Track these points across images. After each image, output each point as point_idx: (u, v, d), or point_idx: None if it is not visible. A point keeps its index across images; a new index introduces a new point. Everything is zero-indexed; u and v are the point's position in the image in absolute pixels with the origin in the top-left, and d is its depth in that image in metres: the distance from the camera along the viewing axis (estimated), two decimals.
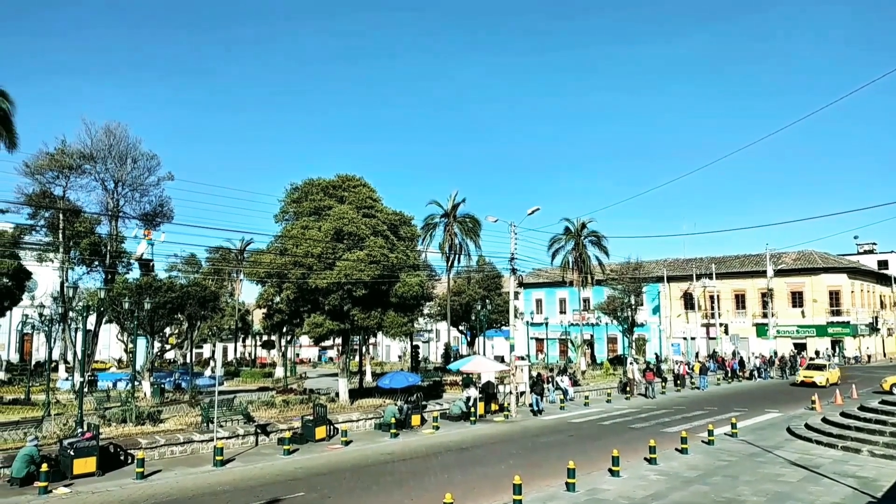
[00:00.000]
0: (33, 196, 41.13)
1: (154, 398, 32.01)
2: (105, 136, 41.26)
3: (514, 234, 31.05)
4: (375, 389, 33.30)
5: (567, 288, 65.16)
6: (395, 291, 28.61)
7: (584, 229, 56.21)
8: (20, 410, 27.33)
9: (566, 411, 31.02)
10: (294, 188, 30.26)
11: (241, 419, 23.22)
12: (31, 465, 16.04)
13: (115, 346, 63.34)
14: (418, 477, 16.89)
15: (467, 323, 57.55)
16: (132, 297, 32.65)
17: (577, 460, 15.28)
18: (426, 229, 51.97)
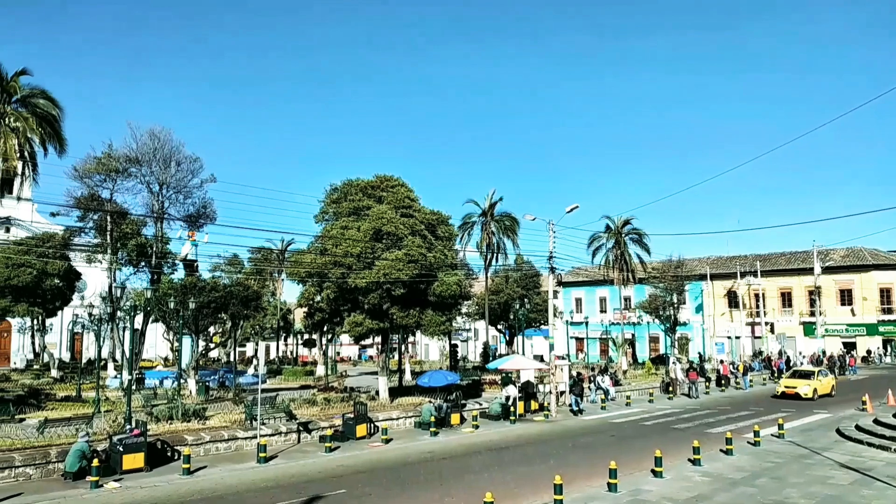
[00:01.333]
0: (82, 199, 42.40)
1: (199, 396, 32.71)
2: (150, 140, 42.29)
3: (553, 233, 30.86)
4: (415, 388, 33.44)
5: (608, 286, 64.51)
6: (433, 290, 28.69)
7: (624, 227, 55.60)
8: (72, 407, 28.19)
9: (607, 411, 30.70)
10: (333, 189, 30.58)
11: (283, 417, 23.55)
12: (82, 460, 16.54)
13: (162, 344, 64.91)
14: (458, 476, 16.91)
15: (506, 322, 57.38)
16: (177, 297, 33.40)
17: (619, 461, 15.11)
18: (463, 228, 52.04)
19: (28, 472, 16.70)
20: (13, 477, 16.40)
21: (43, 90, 31.60)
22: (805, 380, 34.09)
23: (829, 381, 35.14)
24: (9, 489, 15.50)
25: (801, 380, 34.20)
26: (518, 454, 20.00)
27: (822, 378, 34.82)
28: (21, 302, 42.75)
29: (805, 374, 35.49)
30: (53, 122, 31.71)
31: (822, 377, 34.98)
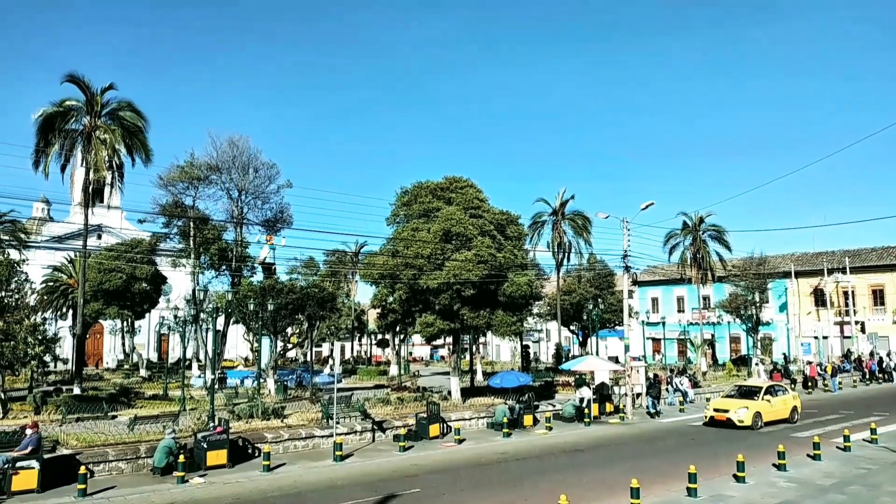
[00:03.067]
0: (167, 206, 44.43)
1: (278, 395, 33.66)
2: (229, 148, 43.96)
3: (627, 231, 30.22)
4: (486, 388, 33.40)
5: (685, 285, 62.66)
6: (503, 291, 28.58)
7: (702, 223, 53.93)
8: (159, 405, 29.50)
9: (685, 414, 29.84)
10: (404, 192, 30.90)
11: (358, 416, 23.96)
12: (169, 456, 17.30)
13: (242, 345, 67.13)
14: (532, 477, 16.78)
15: (579, 322, 56.58)
16: (256, 299, 34.47)
17: (699, 465, 14.64)
18: (534, 228, 51.65)
19: (120, 467, 17.61)
20: (107, 471, 17.32)
21: (129, 103, 33.31)
22: (745, 400, 25.27)
23: (784, 400, 26.00)
24: (103, 482, 16.37)
25: (741, 400, 25.37)
26: (593, 456, 19.68)
27: (775, 397, 25.82)
28: (112, 305, 45.22)
29: (748, 392, 26.12)
30: (139, 133, 33.39)
31: (775, 395, 25.95)
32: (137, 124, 33.33)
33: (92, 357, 63.83)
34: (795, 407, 26.14)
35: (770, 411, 25.00)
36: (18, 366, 25.68)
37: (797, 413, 26.02)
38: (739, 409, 24.34)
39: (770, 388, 26.42)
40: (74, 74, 31.22)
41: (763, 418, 24.42)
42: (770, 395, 25.53)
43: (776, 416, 25.18)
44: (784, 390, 27.21)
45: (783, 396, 26.16)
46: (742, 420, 23.96)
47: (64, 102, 31.58)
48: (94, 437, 19.10)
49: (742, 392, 26.49)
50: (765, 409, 24.80)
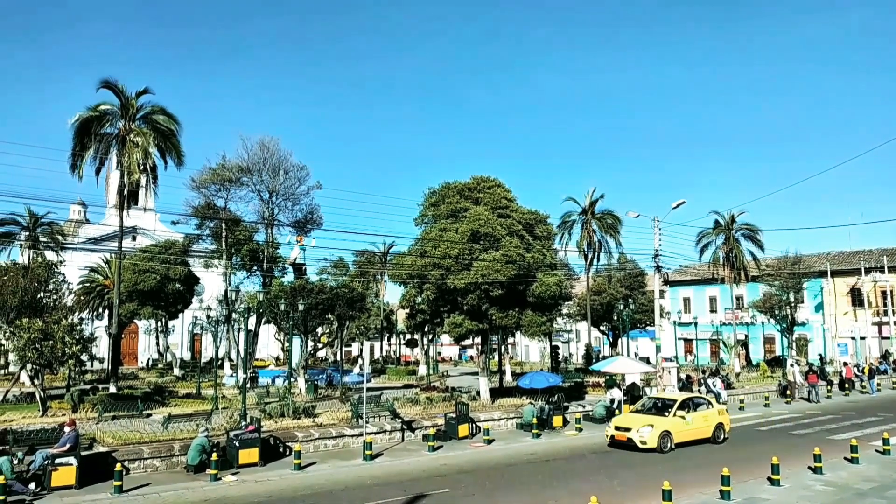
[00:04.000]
0: (199, 208, 45.12)
1: (308, 394, 33.97)
2: (260, 150, 44.48)
3: (658, 230, 29.92)
4: (515, 389, 33.29)
5: (718, 285, 61.74)
6: (532, 291, 28.47)
7: (734, 222, 53.10)
8: (192, 404, 29.95)
9: None
10: (431, 192, 30.95)
11: (388, 415, 24.06)
12: (203, 454, 17.56)
13: (273, 344, 67.95)
14: (562, 478, 16.68)
15: (609, 323, 56.09)
16: (287, 299, 34.83)
17: (732, 467, 14.40)
18: (563, 227, 51.35)
19: (155, 464, 17.92)
20: (142, 468, 17.64)
21: (162, 107, 33.92)
22: (653, 416, 21.11)
23: (706, 416, 21.71)
24: (139, 479, 16.67)
25: (647, 416, 21.26)
26: (624, 457, 19.47)
27: (692, 412, 21.41)
28: (146, 305, 46.07)
29: (662, 406, 21.88)
30: (172, 136, 33.98)
31: (693, 410, 21.57)
32: (170, 127, 33.91)
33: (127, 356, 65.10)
34: (721, 424, 21.78)
35: (684, 430, 20.72)
36: (57, 365, 26.26)
37: (724, 431, 21.77)
38: (642, 428, 20.12)
39: (686, 401, 21.91)
40: (109, 80, 31.90)
41: (674, 439, 20.29)
42: (685, 410, 21.17)
43: (693, 435, 20.98)
44: (707, 404, 22.50)
45: (704, 411, 21.82)
46: (645, 441, 19.83)
47: (98, 107, 32.28)
48: (130, 435, 19.46)
49: (655, 406, 22.29)
50: (677, 427, 20.57)
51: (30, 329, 24.25)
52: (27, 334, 24.11)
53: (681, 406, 21.28)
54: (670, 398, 22.41)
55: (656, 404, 22.24)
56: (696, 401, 22.43)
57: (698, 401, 22.60)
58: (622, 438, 20.46)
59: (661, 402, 22.33)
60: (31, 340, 24.07)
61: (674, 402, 21.54)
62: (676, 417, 20.76)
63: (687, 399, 22.11)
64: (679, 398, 22.02)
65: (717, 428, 21.63)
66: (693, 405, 21.82)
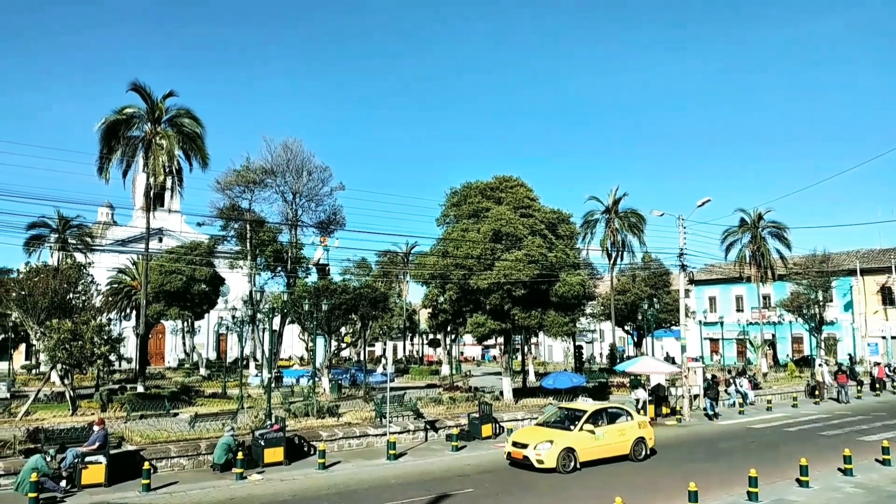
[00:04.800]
0: (224, 209, 45.61)
1: (332, 393, 34.17)
2: (283, 152, 44.86)
3: (683, 228, 29.57)
4: (539, 389, 33.18)
5: (744, 284, 60.94)
6: (555, 291, 28.34)
7: (761, 220, 52.39)
8: (218, 403, 30.28)
9: (745, 416, 29.05)
10: (453, 192, 30.96)
11: (411, 415, 24.11)
12: (229, 453, 17.75)
13: (297, 344, 68.36)
14: (586, 479, 16.59)
15: (633, 322, 55.68)
16: (311, 300, 35.08)
17: (760, 468, 14.23)
18: (586, 226, 51.08)
19: (182, 463, 18.15)
20: (169, 467, 17.88)
21: (187, 110, 34.27)
22: (557, 430, 18.43)
23: (621, 430, 18.88)
24: (166, 478, 16.91)
25: (550, 430, 18.54)
26: (649, 459, 19.32)
27: (604, 425, 18.65)
28: (173, 306, 46.62)
29: (572, 418, 19.05)
30: (197, 138, 34.34)
31: (606, 423, 18.81)
32: (195, 130, 34.27)
33: (154, 356, 65.93)
34: (642, 439, 19.07)
35: (592, 447, 17.94)
36: (86, 365, 26.72)
37: (645, 447, 19.05)
38: (540, 444, 17.32)
39: (598, 412, 19.03)
40: (137, 83, 32.34)
41: (579, 457, 17.45)
42: (593, 424, 18.34)
43: (605, 452, 18.25)
44: (626, 415, 19.59)
45: (620, 425, 19.00)
46: (542, 460, 17.02)
47: (124, 110, 32.70)
48: (157, 434, 19.74)
49: (565, 418, 19.50)
50: (583, 442, 17.79)
51: (60, 330, 24.70)
52: (57, 335, 24.56)
53: (591, 418, 18.51)
54: (580, 409, 19.39)
55: (568, 416, 19.45)
56: (611, 412, 19.64)
57: (615, 412, 19.77)
58: (518, 456, 17.66)
59: (571, 413, 19.47)
60: (61, 341, 24.51)
61: (583, 414, 18.73)
62: (583, 432, 17.99)
63: (599, 410, 19.27)
64: (589, 409, 19.10)
65: (636, 443, 18.84)
66: (607, 417, 19.11)
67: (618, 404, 21.56)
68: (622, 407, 20.56)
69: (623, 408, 20.42)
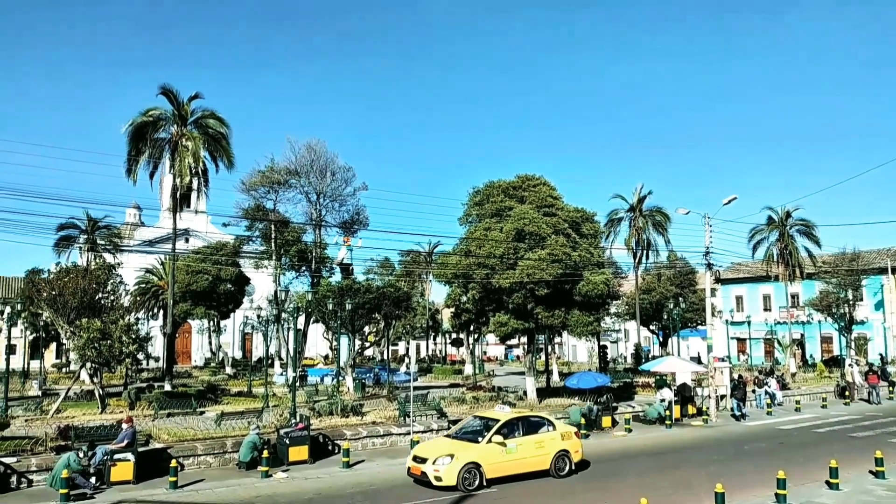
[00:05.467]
0: (249, 210, 46.08)
1: (356, 392, 34.36)
2: (307, 153, 45.26)
3: (709, 227, 29.24)
4: (563, 389, 33.02)
5: (772, 283, 60.12)
6: (578, 290, 28.17)
7: (789, 218, 51.62)
8: (244, 402, 30.61)
9: (773, 417, 28.63)
10: (476, 191, 30.93)
11: (434, 414, 24.13)
12: (254, 451, 17.92)
13: (322, 343, 68.87)
14: (610, 479, 16.48)
15: (659, 322, 55.17)
16: (335, 299, 35.29)
17: (788, 470, 14.02)
18: (610, 225, 50.76)
19: (208, 461, 18.37)
20: (196, 464, 18.10)
21: (213, 112, 34.66)
22: (463, 443, 16.45)
23: (540, 442, 16.77)
24: (193, 475, 17.11)
25: (454, 443, 16.60)
26: (675, 459, 19.14)
27: (521, 437, 16.63)
28: (199, 305, 47.19)
29: (484, 429, 16.93)
30: (222, 140, 34.73)
31: (523, 434, 16.76)
32: (221, 131, 34.65)
33: (181, 355, 66.82)
34: (565, 452, 16.87)
35: (502, 461, 15.94)
36: (114, 363, 27.17)
37: (569, 461, 16.85)
38: (440, 459, 15.43)
39: (513, 422, 16.90)
40: (167, 86, 32.79)
41: (486, 473, 15.47)
42: (505, 435, 16.34)
43: (519, 467, 16.23)
44: (547, 425, 17.44)
45: (539, 436, 16.90)
46: (440, 476, 15.13)
47: (151, 112, 33.14)
48: (184, 432, 19.99)
49: (481, 428, 17.20)
50: (491, 457, 15.76)
51: (89, 329, 25.15)
52: (87, 334, 25.01)
53: (503, 429, 16.45)
54: (494, 418, 17.26)
55: (485, 426, 17.10)
56: (530, 421, 17.49)
57: (536, 421, 17.64)
58: (416, 472, 15.82)
59: (486, 423, 17.23)
60: (91, 340, 24.95)
61: (495, 423, 16.73)
62: (492, 444, 15.96)
63: (515, 420, 17.11)
64: (503, 418, 16.94)
65: (558, 457, 16.70)
66: (524, 428, 16.96)
67: (541, 413, 19.74)
68: (545, 416, 18.52)
69: (545, 417, 18.27)
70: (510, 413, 17.74)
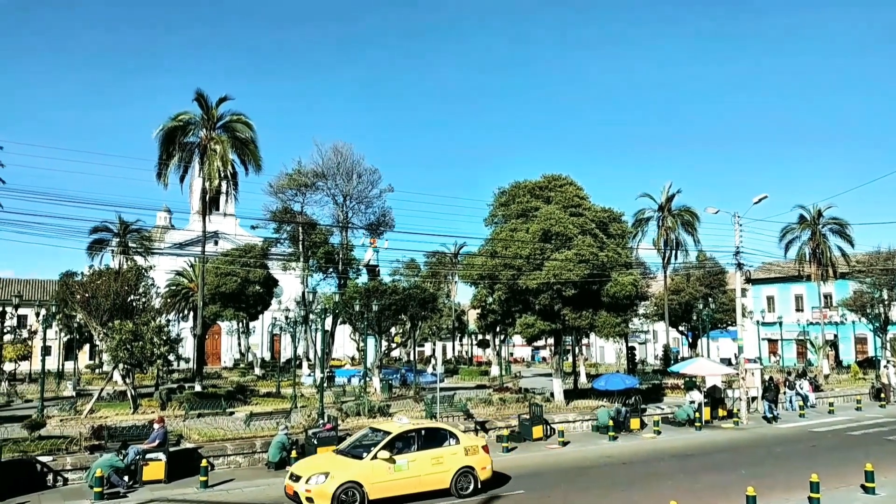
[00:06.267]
0: (277, 213, 46.58)
1: (383, 393, 34.49)
2: (334, 155, 45.64)
3: (739, 226, 28.85)
4: (590, 391, 32.79)
5: (804, 283, 59.03)
6: (606, 291, 27.95)
7: (821, 217, 50.67)
8: (272, 402, 30.90)
9: (806, 419, 28.13)
10: (501, 192, 30.85)
11: (461, 415, 24.12)
12: (283, 451, 18.11)
13: (349, 344, 69.33)
14: (640, 482, 16.31)
15: (688, 323, 54.52)
16: (362, 300, 35.49)
17: (822, 473, 13.73)
18: (637, 225, 50.26)
19: (238, 461, 18.59)
20: (226, 464, 18.34)
21: (241, 115, 35.06)
22: (346, 460, 14.56)
23: (438, 457, 14.82)
24: (223, 475, 17.34)
25: (339, 459, 14.72)
26: (705, 462, 18.89)
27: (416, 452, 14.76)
28: (228, 307, 47.81)
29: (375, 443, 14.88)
30: (250, 143, 35.12)
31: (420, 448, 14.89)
32: (249, 135, 35.05)
33: (211, 356, 67.71)
34: (469, 469, 14.93)
35: (389, 480, 14.10)
36: (146, 364, 27.60)
37: (474, 479, 14.92)
38: (314, 477, 13.69)
39: (404, 436, 14.99)
40: (201, 92, 33.32)
41: (370, 493, 13.70)
42: (397, 451, 14.49)
43: (410, 487, 14.38)
44: (449, 438, 15.42)
45: (438, 451, 14.94)
46: (311, 497, 13.41)
47: (180, 116, 33.63)
48: (214, 433, 20.26)
49: (369, 442, 15.31)
50: (375, 475, 13.92)
51: (121, 330, 25.60)
52: (119, 335, 25.46)
53: (397, 442, 14.72)
54: (386, 429, 15.37)
55: (375, 439, 15.18)
56: (430, 433, 15.49)
57: (435, 434, 15.58)
58: (290, 491, 14.07)
59: (378, 435, 15.37)
60: (123, 341, 25.40)
61: (387, 436, 14.84)
62: (377, 461, 14.10)
63: (408, 432, 15.08)
64: (395, 430, 14.98)
65: (460, 475, 14.80)
66: (420, 441, 15.01)
67: (443, 425, 16.99)
68: (446, 428, 16.28)
69: (447, 429, 16.18)
70: (405, 425, 15.44)
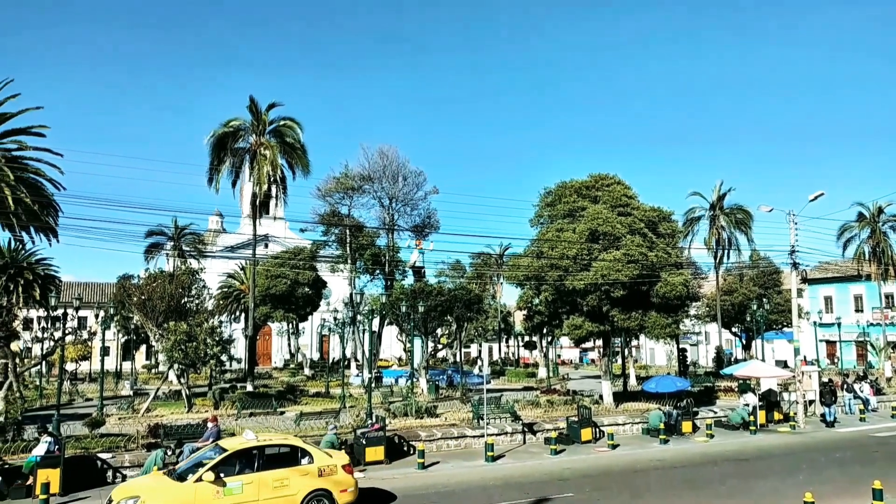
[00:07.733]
0: (325, 216, 47.22)
1: (430, 394, 34.62)
2: (380, 159, 46.05)
3: (794, 224, 28.02)
4: (640, 393, 32.25)
5: (863, 282, 56.98)
6: (656, 291, 27.44)
7: (881, 214, 48.85)
8: (321, 402, 31.34)
9: (867, 423, 27.10)
10: (547, 192, 30.61)
11: (508, 417, 24.03)
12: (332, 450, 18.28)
13: (396, 345, 69.74)
14: (693, 487, 15.96)
15: (741, 324, 53.18)
16: (408, 301, 35.71)
17: (885, 480, 13.20)
18: (688, 224, 49.34)
19: None
20: None
21: (290, 120, 35.67)
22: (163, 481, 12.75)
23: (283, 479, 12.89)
24: None
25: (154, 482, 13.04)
26: (760, 467, 18.38)
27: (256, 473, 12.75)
28: (278, 309, 48.59)
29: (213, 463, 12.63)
30: (298, 148, 35.72)
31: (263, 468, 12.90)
32: (297, 140, 35.63)
33: (262, 357, 69.00)
34: (323, 493, 13.05)
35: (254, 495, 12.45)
36: (200, 364, 28.33)
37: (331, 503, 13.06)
38: (122, 502, 11.83)
39: (242, 454, 13.00)
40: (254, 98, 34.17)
41: None
42: (230, 471, 12.61)
43: None
44: (302, 457, 13.46)
45: (284, 471, 13.05)
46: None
47: (230, 122, 34.40)
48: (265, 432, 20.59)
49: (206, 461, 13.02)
50: (197, 501, 12.06)
51: (176, 332, 26.35)
52: (174, 336, 26.20)
53: (233, 461, 12.83)
54: (224, 446, 13.39)
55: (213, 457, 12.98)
56: (274, 451, 13.43)
57: (282, 452, 13.51)
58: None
59: (217, 452, 13.28)
60: (178, 342, 26.13)
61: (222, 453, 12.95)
62: (201, 484, 12.18)
63: (247, 450, 13.07)
64: (231, 448, 13.08)
65: (310, 499, 12.94)
66: (261, 460, 13.03)
67: (296, 441, 14.29)
68: (297, 444, 13.92)
69: (301, 446, 13.84)
70: (249, 441, 13.34)
